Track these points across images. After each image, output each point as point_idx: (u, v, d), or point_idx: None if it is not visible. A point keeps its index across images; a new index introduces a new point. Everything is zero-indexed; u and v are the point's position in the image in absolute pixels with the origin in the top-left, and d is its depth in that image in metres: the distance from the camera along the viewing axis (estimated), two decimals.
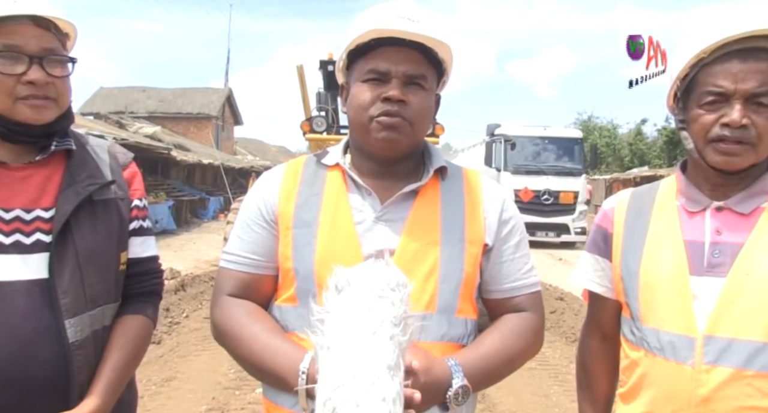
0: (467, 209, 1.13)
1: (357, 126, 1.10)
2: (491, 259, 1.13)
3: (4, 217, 1.08)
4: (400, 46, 1.05)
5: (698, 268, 1.08)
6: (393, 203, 1.10)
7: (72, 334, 1.09)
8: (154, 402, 3.77)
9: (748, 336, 1.02)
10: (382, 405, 0.70)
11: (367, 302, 0.77)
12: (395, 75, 1.05)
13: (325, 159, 1.17)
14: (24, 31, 1.07)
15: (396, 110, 1.05)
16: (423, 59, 1.07)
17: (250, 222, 1.14)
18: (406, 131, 1.07)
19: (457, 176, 1.18)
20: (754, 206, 1.09)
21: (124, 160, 1.28)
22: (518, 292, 1.14)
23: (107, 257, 1.18)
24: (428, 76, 1.09)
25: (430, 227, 1.09)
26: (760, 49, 1.03)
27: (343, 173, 1.13)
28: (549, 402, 3.90)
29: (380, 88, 1.06)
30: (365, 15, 1.11)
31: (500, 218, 1.14)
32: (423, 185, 1.12)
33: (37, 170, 1.14)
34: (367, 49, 1.07)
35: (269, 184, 1.17)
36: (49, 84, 1.08)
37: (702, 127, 1.07)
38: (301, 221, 1.10)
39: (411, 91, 1.06)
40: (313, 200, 1.11)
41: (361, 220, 1.09)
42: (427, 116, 1.10)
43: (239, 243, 1.14)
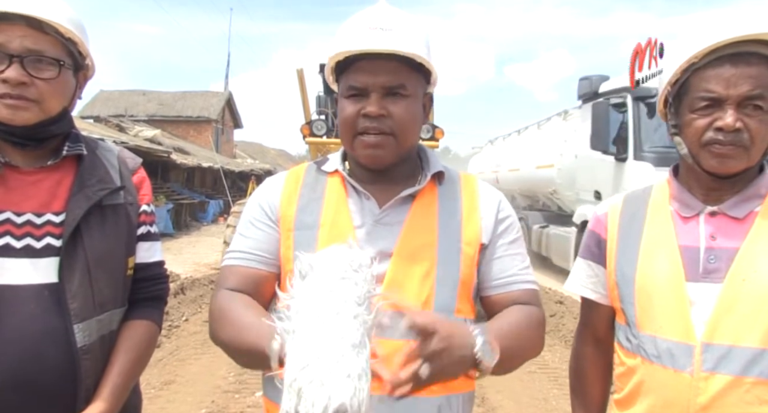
0: (464, 211, 1.15)
1: (344, 141, 1.14)
2: (486, 256, 1.15)
3: (16, 221, 1.09)
4: (375, 59, 1.06)
5: (694, 274, 1.09)
6: (391, 207, 1.12)
7: (80, 339, 1.10)
8: (153, 405, 3.77)
9: (746, 343, 1.02)
10: (347, 381, 0.71)
11: (329, 284, 0.78)
12: (373, 89, 1.07)
13: (325, 166, 1.20)
14: (11, 31, 1.06)
15: (375, 126, 1.07)
16: (401, 67, 1.08)
17: (254, 221, 1.17)
18: (389, 145, 1.09)
19: (454, 180, 1.20)
20: (747, 211, 1.10)
21: (133, 165, 1.29)
22: (514, 287, 1.14)
23: (116, 262, 1.19)
24: (408, 83, 1.09)
25: (427, 229, 1.11)
26: (751, 53, 1.03)
27: (343, 179, 1.16)
28: (548, 405, 3.91)
29: (360, 103, 1.08)
30: (341, 29, 1.12)
31: (496, 217, 1.16)
32: (420, 189, 1.14)
33: (48, 175, 1.14)
34: (346, 65, 1.10)
35: (272, 188, 1.20)
36: (26, 85, 1.06)
37: (695, 132, 1.08)
38: (302, 224, 1.12)
39: (391, 102, 1.07)
40: (314, 203, 1.14)
41: (360, 223, 1.11)
42: (412, 123, 1.11)
43: (243, 241, 1.16)
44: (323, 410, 0.69)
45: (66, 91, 1.15)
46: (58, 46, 1.11)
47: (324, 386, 0.70)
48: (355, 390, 0.71)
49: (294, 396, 0.71)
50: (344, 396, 0.70)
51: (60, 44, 1.12)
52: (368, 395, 0.73)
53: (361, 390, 0.72)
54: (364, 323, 0.77)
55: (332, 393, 0.69)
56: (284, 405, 0.72)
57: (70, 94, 1.17)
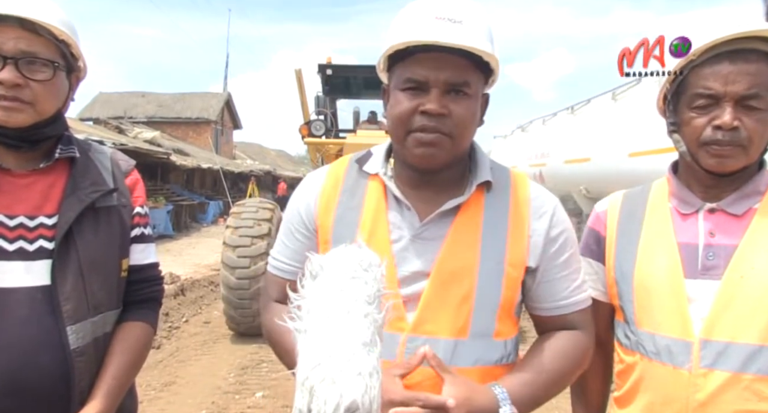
0: (511, 227, 1.06)
1: (394, 137, 1.06)
2: (537, 278, 1.08)
3: (8, 224, 1.09)
4: (440, 51, 0.96)
5: (693, 271, 1.08)
6: (432, 221, 1.05)
7: (74, 341, 1.09)
8: (153, 406, 3.77)
9: (744, 340, 1.02)
10: (358, 379, 0.72)
11: (340, 284, 0.79)
12: (435, 84, 0.98)
13: (367, 166, 1.12)
14: (5, 32, 1.06)
15: (434, 125, 0.98)
16: (466, 63, 0.99)
17: (293, 229, 1.15)
18: (444, 146, 1.01)
19: (504, 186, 1.10)
20: (746, 208, 1.09)
21: (127, 167, 1.29)
22: (567, 310, 1.09)
23: (109, 264, 1.18)
24: (472, 81, 1.00)
25: (469, 247, 1.03)
26: (749, 50, 1.03)
27: (383, 184, 1.09)
28: (548, 404, 3.90)
29: (419, 98, 0.99)
30: (403, 16, 1.03)
31: (547, 235, 1.07)
32: (465, 200, 1.05)
33: (40, 177, 1.14)
34: (405, 54, 1.00)
35: (311, 190, 1.14)
36: (21, 86, 1.06)
37: (694, 130, 1.08)
38: (339, 236, 1.06)
39: (452, 100, 0.99)
40: (351, 214, 1.08)
41: (398, 237, 1.05)
42: (470, 124, 1.03)
43: (284, 249, 1.16)
44: (335, 408, 0.70)
45: (60, 93, 1.15)
46: (52, 48, 1.11)
47: (336, 384, 0.71)
48: (367, 388, 0.72)
49: (306, 394, 0.72)
50: (356, 393, 0.71)
51: (54, 46, 1.12)
52: (379, 392, 0.74)
53: (372, 387, 0.73)
54: (375, 321, 0.78)
55: (344, 391, 0.71)
56: (297, 403, 0.74)
57: (64, 95, 1.17)
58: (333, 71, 7.06)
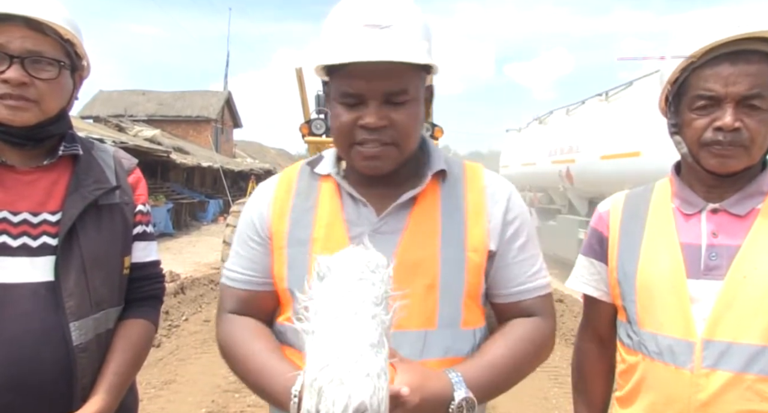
0: (469, 213, 1.06)
1: (339, 148, 1.05)
2: (495, 263, 1.07)
3: (12, 220, 1.10)
4: (374, 62, 0.93)
5: (695, 271, 1.08)
6: (390, 214, 1.04)
7: (76, 337, 1.10)
8: (153, 405, 3.77)
9: (746, 340, 1.02)
10: (366, 380, 0.72)
11: (347, 285, 0.79)
12: (371, 96, 0.96)
13: (318, 167, 1.11)
14: (11, 31, 1.07)
15: (375, 137, 0.97)
16: (402, 69, 0.95)
17: (246, 239, 1.12)
18: (390, 156, 1.00)
19: (458, 175, 1.10)
20: (749, 208, 1.09)
21: (129, 165, 1.30)
22: (525, 295, 1.08)
23: (111, 261, 1.19)
24: (410, 86, 0.98)
25: (429, 237, 1.03)
26: (749, 51, 1.03)
27: (336, 184, 1.08)
28: (549, 404, 3.90)
29: (357, 111, 0.97)
30: (331, 25, 0.99)
31: (504, 218, 1.07)
32: (420, 191, 1.05)
33: (44, 174, 1.15)
34: (340, 65, 0.96)
35: (263, 198, 1.13)
36: (27, 85, 1.07)
37: (695, 131, 1.08)
38: (294, 240, 1.05)
39: (392, 109, 0.97)
40: (306, 215, 1.07)
41: (356, 234, 1.03)
42: (415, 128, 1.02)
43: (238, 260, 1.13)
44: (344, 408, 0.71)
45: (65, 92, 1.16)
46: (57, 47, 1.12)
47: (344, 385, 0.72)
48: (375, 389, 0.72)
49: (315, 395, 0.73)
50: (364, 394, 0.71)
51: (59, 45, 1.12)
52: (387, 393, 0.75)
53: (380, 388, 0.73)
54: (382, 323, 0.79)
55: (352, 392, 0.71)
56: (305, 404, 0.74)
57: (68, 94, 1.18)
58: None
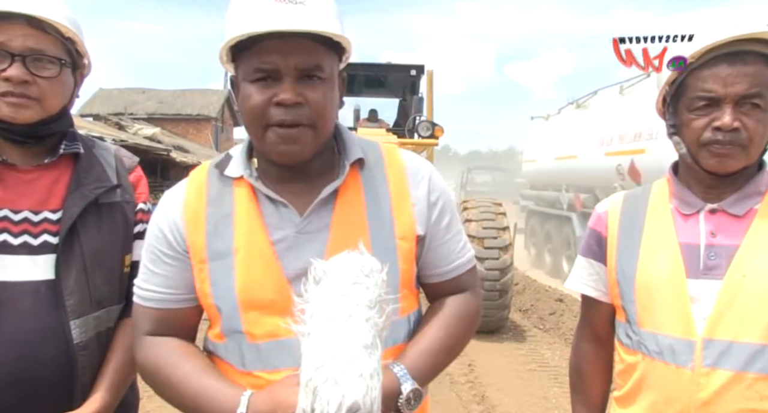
0: (393, 200, 1.03)
1: (252, 134, 0.98)
2: (425, 246, 1.07)
3: (13, 218, 1.10)
4: (287, 37, 0.91)
5: (694, 271, 1.09)
6: (313, 212, 0.99)
7: (77, 335, 1.10)
8: (152, 403, 3.76)
9: (746, 339, 1.03)
10: (360, 380, 0.75)
11: (342, 289, 0.82)
12: (286, 72, 0.92)
13: (228, 170, 1.02)
14: (13, 30, 1.07)
15: (292, 118, 0.93)
16: (316, 45, 0.94)
17: (159, 254, 1.02)
18: (307, 139, 0.95)
19: (377, 161, 1.06)
20: (747, 208, 1.10)
21: (130, 164, 1.30)
22: (457, 272, 1.10)
23: (112, 259, 1.19)
24: (325, 64, 0.95)
25: (356, 230, 0.99)
26: (747, 52, 1.04)
27: (251, 187, 1.00)
28: (548, 403, 3.91)
29: (271, 89, 0.93)
30: (237, 5, 0.96)
31: (428, 200, 1.06)
32: (341, 183, 1.01)
33: (45, 173, 1.15)
34: (250, 42, 0.93)
35: (173, 208, 1.03)
36: (28, 83, 1.08)
37: (694, 131, 1.08)
38: (214, 253, 0.98)
39: (307, 86, 0.93)
40: (223, 224, 0.99)
41: (280, 238, 0.97)
42: (330, 109, 0.98)
43: (151, 277, 1.02)
44: (338, 408, 0.73)
45: (66, 90, 1.16)
46: (59, 46, 1.12)
47: (338, 385, 0.74)
48: (368, 389, 0.75)
49: (310, 394, 0.75)
50: (357, 394, 0.74)
51: (60, 43, 1.13)
52: (380, 393, 0.77)
53: (373, 388, 0.76)
54: (376, 325, 0.81)
55: (346, 392, 0.74)
56: (300, 403, 0.76)
57: (70, 92, 1.18)
58: None
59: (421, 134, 6.22)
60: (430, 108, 6.77)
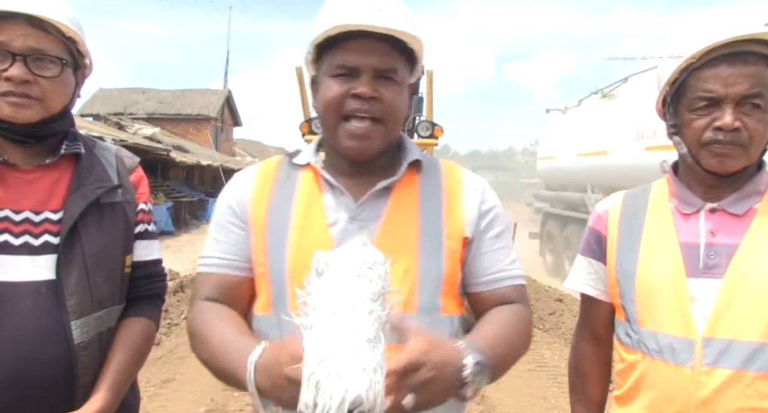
0: (445, 202, 1.09)
1: (326, 126, 1.07)
2: (472, 251, 1.09)
3: (14, 218, 1.10)
4: (369, 38, 1.00)
5: (694, 270, 1.09)
6: (367, 202, 1.06)
7: (78, 335, 1.10)
8: (153, 403, 3.78)
9: (746, 337, 1.03)
10: (363, 374, 0.74)
11: (345, 282, 0.81)
12: (365, 69, 1.01)
13: (297, 158, 1.13)
14: (14, 29, 1.07)
15: (366, 108, 1.01)
16: (392, 50, 1.03)
17: (225, 223, 1.11)
18: (377, 136, 1.03)
19: (435, 169, 1.14)
20: (747, 207, 1.11)
21: (131, 164, 1.30)
22: (502, 283, 1.09)
23: (113, 259, 1.19)
24: (399, 68, 1.04)
25: (407, 223, 1.05)
26: (747, 52, 1.04)
27: (316, 173, 1.10)
28: (548, 403, 3.92)
29: (349, 83, 1.01)
30: (331, 4, 1.05)
31: (479, 209, 1.10)
32: (398, 180, 1.08)
33: (46, 173, 1.15)
34: (334, 42, 1.02)
35: (241, 185, 1.14)
36: (30, 83, 1.08)
37: (695, 131, 1.09)
38: (273, 225, 1.06)
39: (382, 85, 1.02)
40: (285, 202, 1.08)
41: (334, 220, 1.05)
42: (402, 110, 1.06)
43: (215, 245, 1.11)
44: (340, 402, 0.72)
45: (67, 90, 1.16)
46: (60, 45, 1.12)
47: (341, 379, 0.73)
48: (371, 383, 0.74)
49: (312, 388, 0.74)
50: (360, 388, 0.73)
51: (61, 43, 1.13)
52: (383, 387, 0.76)
53: (376, 382, 0.74)
54: (379, 318, 0.80)
55: (349, 386, 0.73)
56: (303, 397, 0.75)
57: (71, 92, 1.18)
58: None
59: (421, 134, 6.22)
60: (429, 108, 6.76)
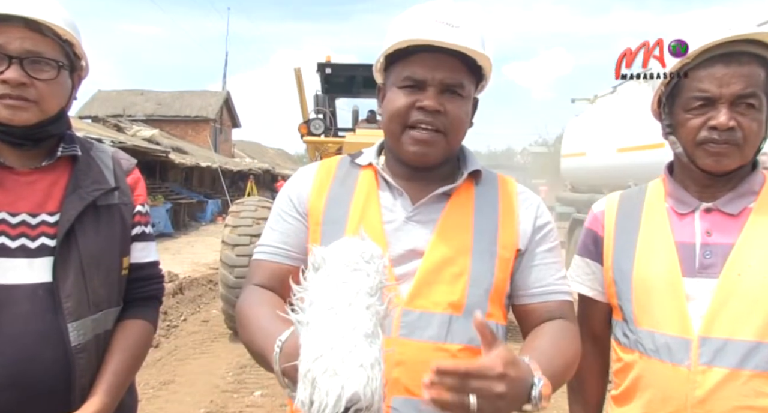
0: (501, 214, 1.10)
1: (390, 133, 1.09)
2: (523, 262, 1.10)
3: (11, 221, 1.10)
4: (438, 52, 1.02)
5: (690, 269, 1.10)
6: (425, 205, 1.08)
7: (74, 337, 1.10)
8: (152, 405, 3.77)
9: (742, 336, 1.03)
10: (360, 371, 0.72)
11: (342, 276, 0.79)
12: (432, 83, 1.03)
13: (359, 159, 1.16)
14: (11, 32, 1.07)
15: (430, 120, 1.03)
16: (461, 66, 1.04)
17: (282, 214, 1.15)
18: (439, 145, 1.05)
19: (492, 181, 1.16)
20: (742, 207, 1.11)
21: (128, 166, 1.30)
22: (550, 297, 1.08)
23: (110, 261, 1.19)
24: (465, 83, 1.06)
25: (462, 230, 1.07)
26: (742, 53, 1.05)
27: (376, 173, 1.12)
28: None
29: (416, 95, 1.04)
30: (404, 17, 1.08)
31: (534, 223, 1.11)
32: (456, 187, 1.10)
33: (43, 175, 1.15)
34: (404, 54, 1.05)
35: (303, 179, 1.17)
36: (26, 85, 1.08)
37: (690, 131, 1.10)
38: (330, 218, 1.09)
39: (447, 99, 1.04)
40: (343, 197, 1.11)
41: (390, 219, 1.07)
42: (463, 124, 1.08)
43: (271, 234, 1.14)
44: (337, 399, 0.70)
45: (64, 92, 1.16)
46: (56, 48, 1.13)
47: (337, 375, 0.71)
48: (368, 379, 0.72)
49: (308, 386, 0.72)
50: (357, 385, 0.71)
51: (58, 46, 1.13)
52: (381, 384, 0.74)
53: (374, 379, 0.72)
54: (377, 313, 0.78)
55: (345, 383, 0.71)
56: (299, 395, 0.73)
57: (67, 94, 1.19)
58: (332, 70, 7.07)
59: None
60: None
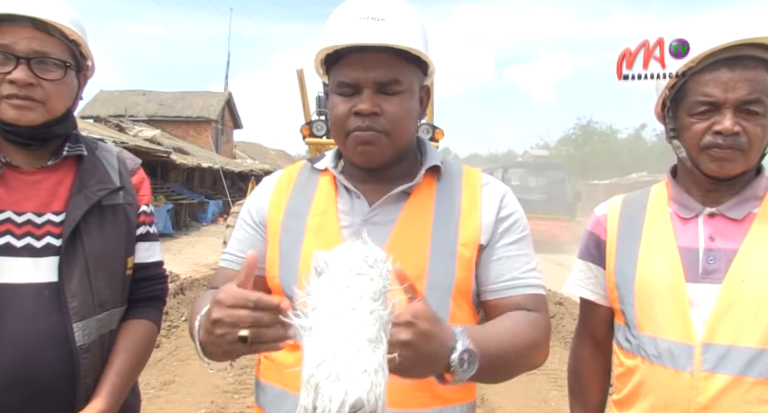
0: (463, 209, 1.07)
1: (336, 140, 1.09)
2: (485, 256, 1.06)
3: (16, 220, 1.10)
4: (367, 51, 0.99)
5: (693, 275, 1.09)
6: (381, 206, 1.06)
7: (79, 337, 1.10)
8: (152, 405, 3.77)
9: (745, 343, 1.03)
10: (363, 376, 0.71)
11: (345, 281, 0.78)
12: (366, 84, 1.00)
13: (318, 163, 1.16)
14: (18, 32, 1.08)
15: (368, 124, 1.01)
16: (395, 60, 1.01)
17: (243, 223, 1.17)
18: (382, 143, 1.03)
19: (455, 175, 1.13)
20: (746, 212, 1.11)
21: (133, 166, 1.30)
22: (516, 291, 1.04)
23: (115, 261, 1.19)
24: (403, 77, 1.02)
25: (420, 229, 1.04)
26: (747, 57, 1.05)
27: (333, 178, 1.11)
28: (548, 407, 3.91)
29: (352, 100, 1.01)
30: (330, 20, 1.06)
31: (498, 215, 1.07)
32: (415, 185, 1.08)
33: (48, 175, 1.16)
34: (336, 58, 1.03)
35: (263, 189, 1.19)
36: (33, 85, 1.08)
37: (694, 135, 1.09)
38: (288, 227, 1.09)
39: (384, 99, 1.01)
40: (302, 205, 1.11)
41: (348, 223, 1.06)
42: (406, 120, 1.05)
43: (233, 242, 1.18)
44: (340, 405, 0.70)
45: (70, 92, 1.17)
46: (63, 48, 1.13)
47: (341, 381, 0.71)
48: (372, 385, 0.71)
49: (312, 391, 0.72)
50: (361, 390, 0.70)
51: (64, 46, 1.13)
52: (385, 390, 0.73)
53: (377, 384, 0.72)
54: (380, 318, 0.77)
55: (349, 388, 0.70)
56: (302, 400, 0.73)
57: (74, 94, 1.19)
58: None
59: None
60: (430, 111, 6.78)
